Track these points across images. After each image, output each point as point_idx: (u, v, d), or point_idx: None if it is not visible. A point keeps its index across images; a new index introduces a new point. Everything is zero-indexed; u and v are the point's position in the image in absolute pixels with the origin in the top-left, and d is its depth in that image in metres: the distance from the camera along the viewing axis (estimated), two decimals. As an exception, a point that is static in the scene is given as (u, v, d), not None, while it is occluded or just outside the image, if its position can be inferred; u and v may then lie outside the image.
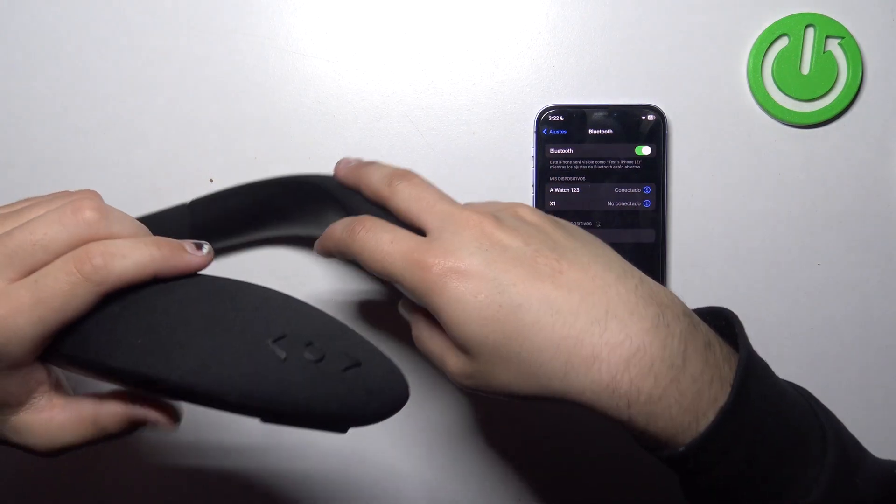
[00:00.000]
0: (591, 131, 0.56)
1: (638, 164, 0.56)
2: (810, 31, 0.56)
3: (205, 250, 0.40)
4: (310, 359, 0.35)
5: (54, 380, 0.40)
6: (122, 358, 0.36)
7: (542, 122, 0.56)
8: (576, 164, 0.56)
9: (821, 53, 0.56)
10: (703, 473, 0.39)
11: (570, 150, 0.56)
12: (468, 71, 0.57)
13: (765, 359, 0.57)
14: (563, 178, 0.56)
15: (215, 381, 0.35)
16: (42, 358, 0.38)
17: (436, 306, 0.40)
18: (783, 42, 0.56)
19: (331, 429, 0.36)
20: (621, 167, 0.56)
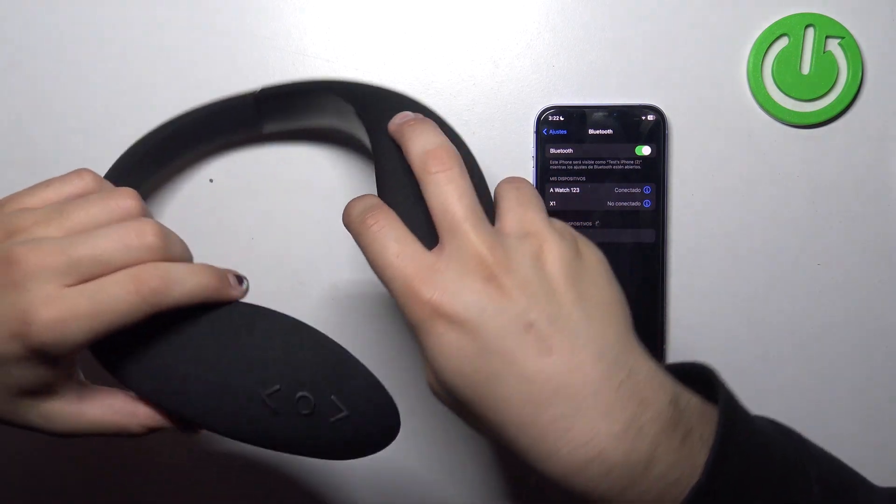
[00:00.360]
0: (591, 131, 0.56)
1: (638, 164, 0.56)
2: (810, 31, 0.56)
3: (244, 286, 0.42)
4: (300, 412, 0.39)
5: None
6: (139, 381, 0.41)
7: (542, 122, 0.56)
8: (576, 164, 0.56)
9: (821, 53, 0.56)
10: None
11: (570, 150, 0.56)
12: (468, 71, 0.57)
13: (764, 359, 0.57)
14: (563, 178, 0.56)
15: (215, 424, 0.40)
16: None
17: (420, 342, 0.39)
18: (783, 42, 0.56)
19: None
20: (621, 167, 0.56)
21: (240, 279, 0.42)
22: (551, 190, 0.56)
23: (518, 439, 0.38)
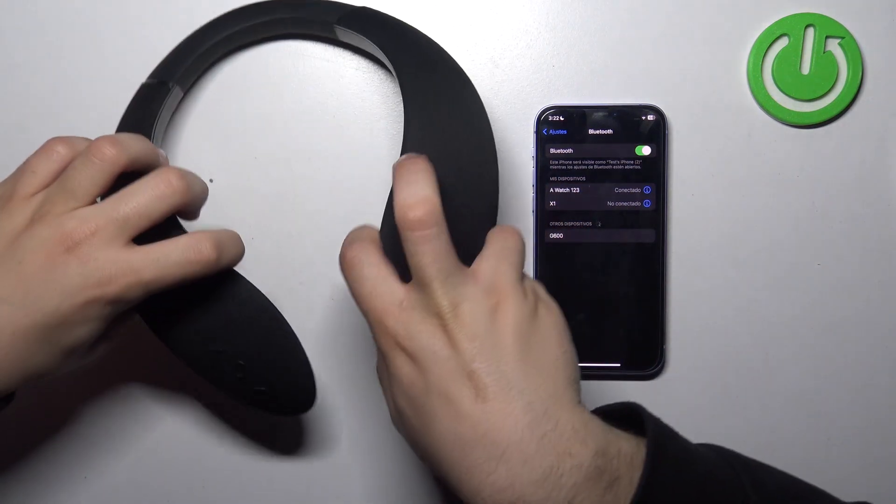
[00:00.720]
0: (591, 131, 0.56)
1: (638, 164, 0.56)
2: (810, 31, 0.56)
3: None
4: (236, 374, 0.50)
5: None
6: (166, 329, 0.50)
7: (542, 122, 0.56)
8: (576, 164, 0.56)
9: (821, 53, 0.56)
10: None
11: (570, 150, 0.56)
12: (468, 71, 0.56)
13: (764, 359, 0.57)
14: (563, 178, 0.56)
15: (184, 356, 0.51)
16: None
17: (388, 371, 0.44)
18: (783, 42, 0.56)
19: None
20: (621, 167, 0.56)
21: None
22: (551, 190, 0.56)
23: (450, 476, 0.41)
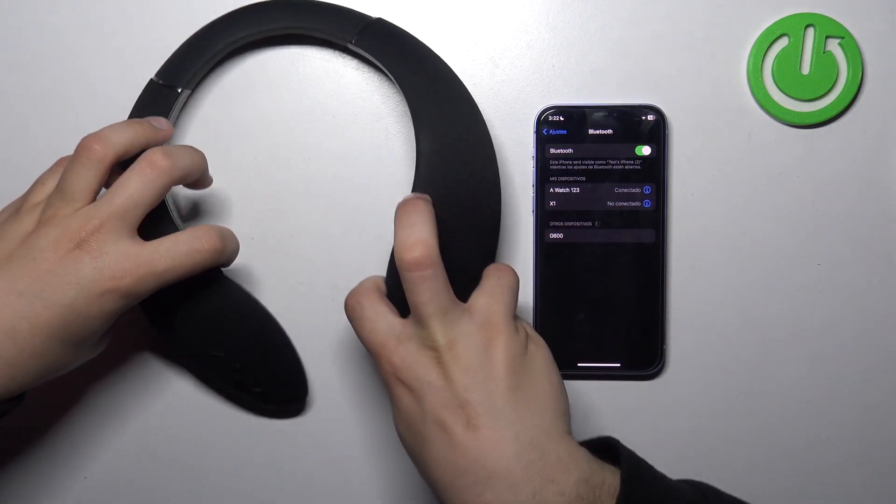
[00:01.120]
0: (591, 131, 0.56)
1: (638, 164, 0.56)
2: (810, 31, 0.56)
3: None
4: (233, 376, 0.54)
5: None
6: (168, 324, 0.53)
7: (542, 122, 0.56)
8: (576, 164, 0.56)
9: (821, 53, 0.56)
10: None
11: (570, 150, 0.56)
12: (468, 71, 0.57)
13: (764, 359, 0.57)
14: (563, 178, 0.56)
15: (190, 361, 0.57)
16: None
17: (390, 398, 0.47)
18: (783, 42, 0.56)
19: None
20: (621, 167, 0.56)
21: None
22: (551, 190, 0.56)
23: (443, 497, 0.45)
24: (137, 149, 0.49)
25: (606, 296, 0.56)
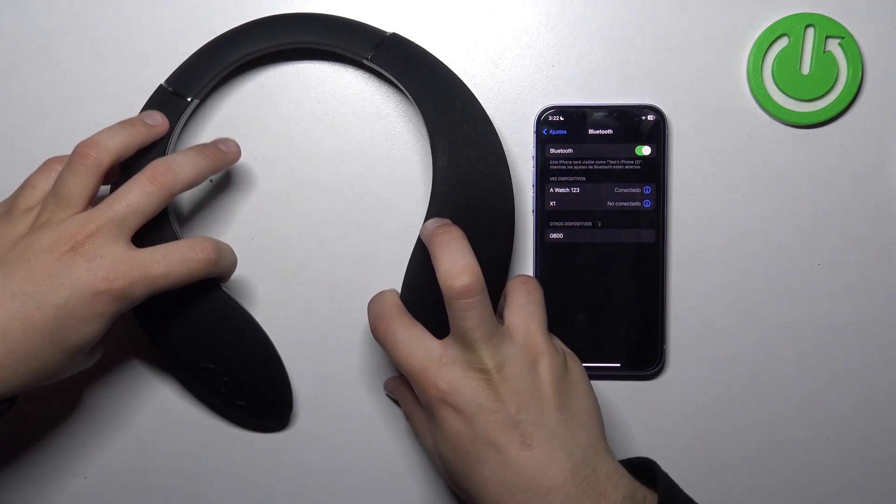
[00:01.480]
0: (591, 131, 0.56)
1: (638, 164, 0.56)
2: (810, 31, 0.56)
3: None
4: (219, 388, 0.54)
5: None
6: (157, 331, 0.53)
7: (542, 122, 0.56)
8: (576, 164, 0.56)
9: (821, 53, 0.56)
10: None
11: (570, 150, 0.56)
12: (468, 71, 0.57)
13: (764, 359, 0.57)
14: (563, 178, 0.56)
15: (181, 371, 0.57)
16: None
17: (430, 419, 0.48)
18: (783, 42, 0.56)
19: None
20: (621, 167, 0.56)
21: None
22: (551, 190, 0.56)
23: None
24: (133, 150, 0.50)
25: (606, 296, 0.56)
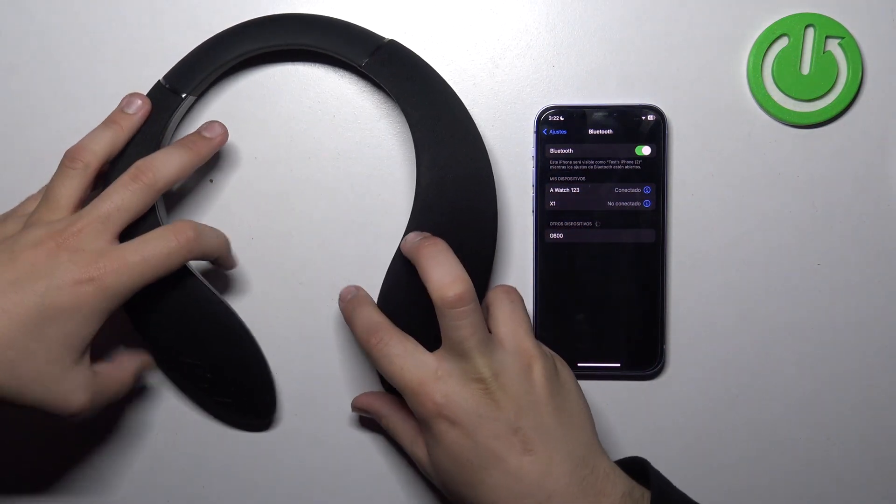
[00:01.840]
0: (591, 131, 0.56)
1: (638, 164, 0.56)
2: (810, 31, 0.56)
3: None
4: (202, 385, 0.54)
5: None
6: (146, 329, 0.53)
7: (542, 122, 0.56)
8: (576, 164, 0.56)
9: (821, 53, 0.56)
10: None
11: (570, 150, 0.56)
12: (468, 71, 0.57)
13: (764, 359, 0.57)
14: (563, 178, 0.56)
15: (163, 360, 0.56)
16: None
17: (425, 433, 0.48)
18: (783, 42, 0.56)
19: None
20: (621, 167, 0.56)
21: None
22: (551, 190, 0.56)
23: None
24: (122, 145, 0.52)
25: (606, 296, 0.56)
